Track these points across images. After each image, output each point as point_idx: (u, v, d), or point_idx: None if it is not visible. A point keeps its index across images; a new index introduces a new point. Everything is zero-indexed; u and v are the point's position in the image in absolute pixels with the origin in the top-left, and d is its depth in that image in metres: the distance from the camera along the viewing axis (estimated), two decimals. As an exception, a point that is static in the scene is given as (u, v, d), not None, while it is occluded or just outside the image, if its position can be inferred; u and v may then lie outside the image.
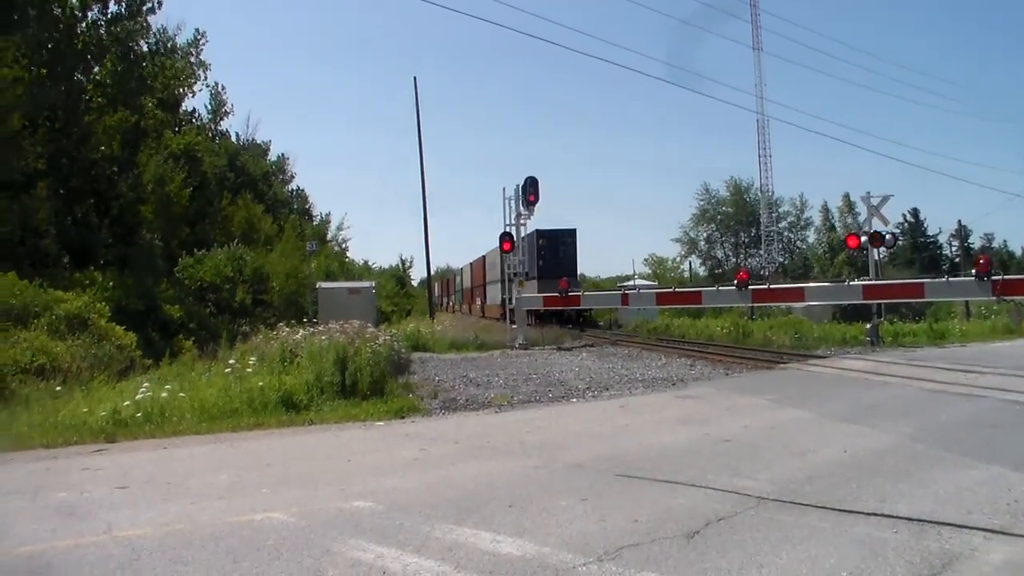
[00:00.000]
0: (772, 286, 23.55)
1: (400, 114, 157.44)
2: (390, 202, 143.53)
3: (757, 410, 11.29)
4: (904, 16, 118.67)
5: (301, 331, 17.34)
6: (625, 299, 25.49)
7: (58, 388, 13.20)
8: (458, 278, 62.53)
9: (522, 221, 25.33)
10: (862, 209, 25.33)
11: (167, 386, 12.22)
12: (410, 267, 79.38)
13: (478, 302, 48.00)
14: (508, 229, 25.24)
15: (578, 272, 36.19)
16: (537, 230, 32.96)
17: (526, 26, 75.25)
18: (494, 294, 43.62)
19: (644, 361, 19.78)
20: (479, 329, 28.58)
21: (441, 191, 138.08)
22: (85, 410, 10.85)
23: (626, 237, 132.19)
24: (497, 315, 39.02)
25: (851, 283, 21.35)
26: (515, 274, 25.80)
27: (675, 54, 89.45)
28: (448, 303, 67.50)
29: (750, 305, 27.62)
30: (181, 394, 11.81)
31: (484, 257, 47.81)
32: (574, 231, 34.40)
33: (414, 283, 77.86)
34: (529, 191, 24.87)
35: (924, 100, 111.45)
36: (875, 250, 22.96)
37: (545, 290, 26.28)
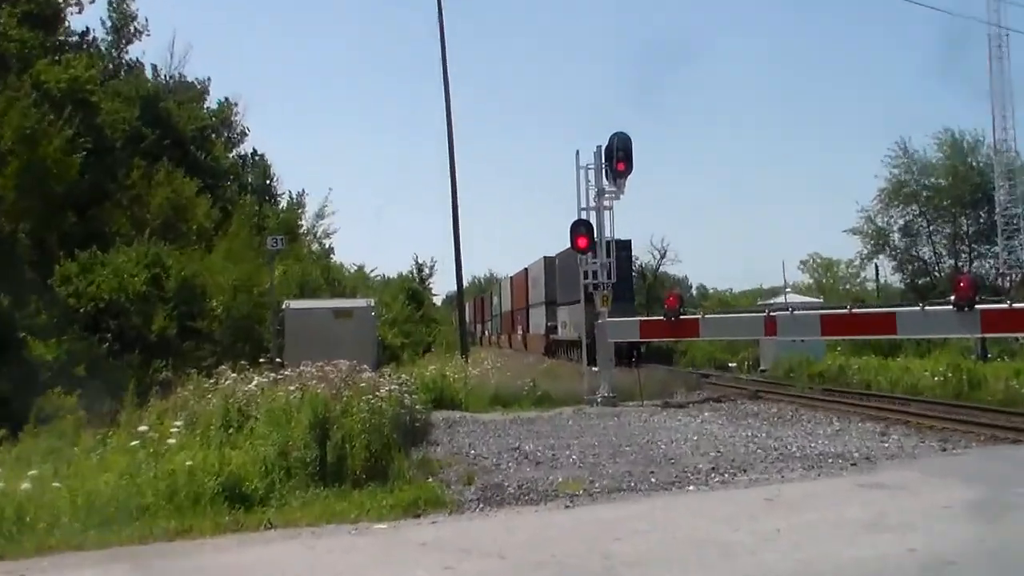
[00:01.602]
0: (1015, 305, 23.09)
1: (412, 53, 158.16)
2: (399, 181, 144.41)
3: (998, 512, 11.07)
4: None
5: (257, 378, 17.61)
6: (771, 325, 25.38)
7: None
8: (495, 298, 64.17)
9: (607, 202, 25.51)
10: None
11: (31, 472, 12.07)
12: (430, 276, 78.54)
13: (519, 331, 50.39)
14: (585, 215, 25.48)
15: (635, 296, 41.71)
16: None
17: None
18: (537, 320, 45.75)
19: (803, 426, 19.99)
20: (539, 373, 29.15)
21: (478, 171, 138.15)
22: None
23: (772, 228, 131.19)
24: (540, 349, 43.00)
25: None
26: (595, 286, 26.04)
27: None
28: (483, 331, 67.74)
29: (979, 337, 27.13)
30: (55, 484, 11.72)
31: (526, 270, 49.90)
32: (628, 242, 40.68)
33: (436, 299, 77.89)
34: (617, 156, 25.11)
35: None
36: None
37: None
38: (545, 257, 46.08)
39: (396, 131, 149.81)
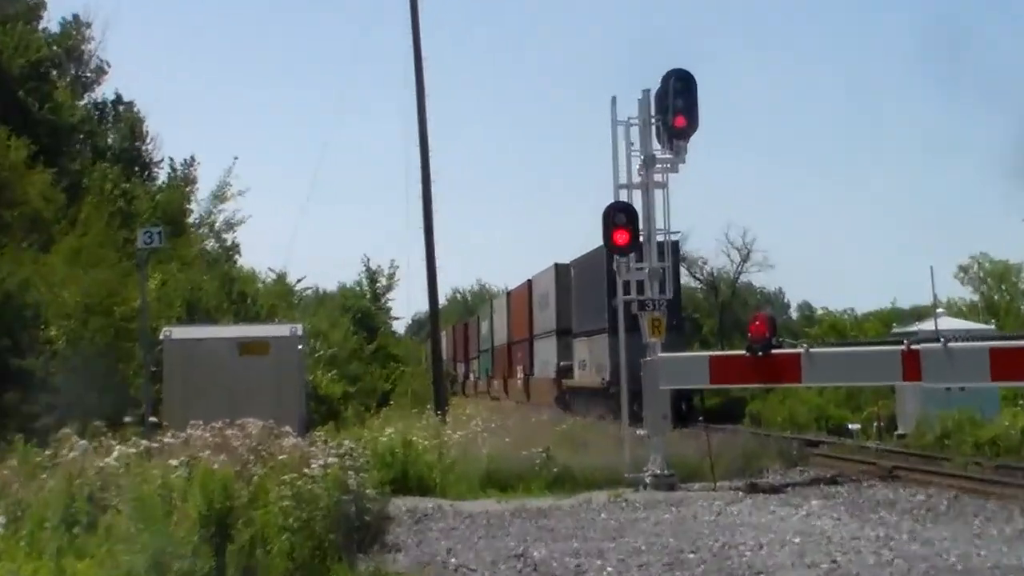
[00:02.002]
0: None
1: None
2: (343, 150, 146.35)
3: None
4: None
5: (119, 447, 17.21)
6: (913, 365, 24.64)
7: None
8: (486, 324, 66.76)
9: (659, 176, 25.01)
10: None
11: None
12: (388, 290, 78.11)
13: (519, 374, 51.93)
14: (624, 195, 25.03)
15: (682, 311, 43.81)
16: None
17: None
18: (545, 357, 48.16)
19: (967, 522, 20.06)
20: (554, 439, 28.71)
21: (467, 149, 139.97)
22: None
23: (911, 218, 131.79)
24: (548, 399, 44.90)
25: None
26: (642, 305, 25.40)
27: None
28: (467, 373, 67.68)
29: None
30: None
31: (530, 283, 51.66)
32: (676, 243, 42.26)
33: (398, 325, 79.42)
34: (675, 105, 24.74)
35: None
36: None
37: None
38: (557, 264, 46.19)
39: (338, 80, 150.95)
